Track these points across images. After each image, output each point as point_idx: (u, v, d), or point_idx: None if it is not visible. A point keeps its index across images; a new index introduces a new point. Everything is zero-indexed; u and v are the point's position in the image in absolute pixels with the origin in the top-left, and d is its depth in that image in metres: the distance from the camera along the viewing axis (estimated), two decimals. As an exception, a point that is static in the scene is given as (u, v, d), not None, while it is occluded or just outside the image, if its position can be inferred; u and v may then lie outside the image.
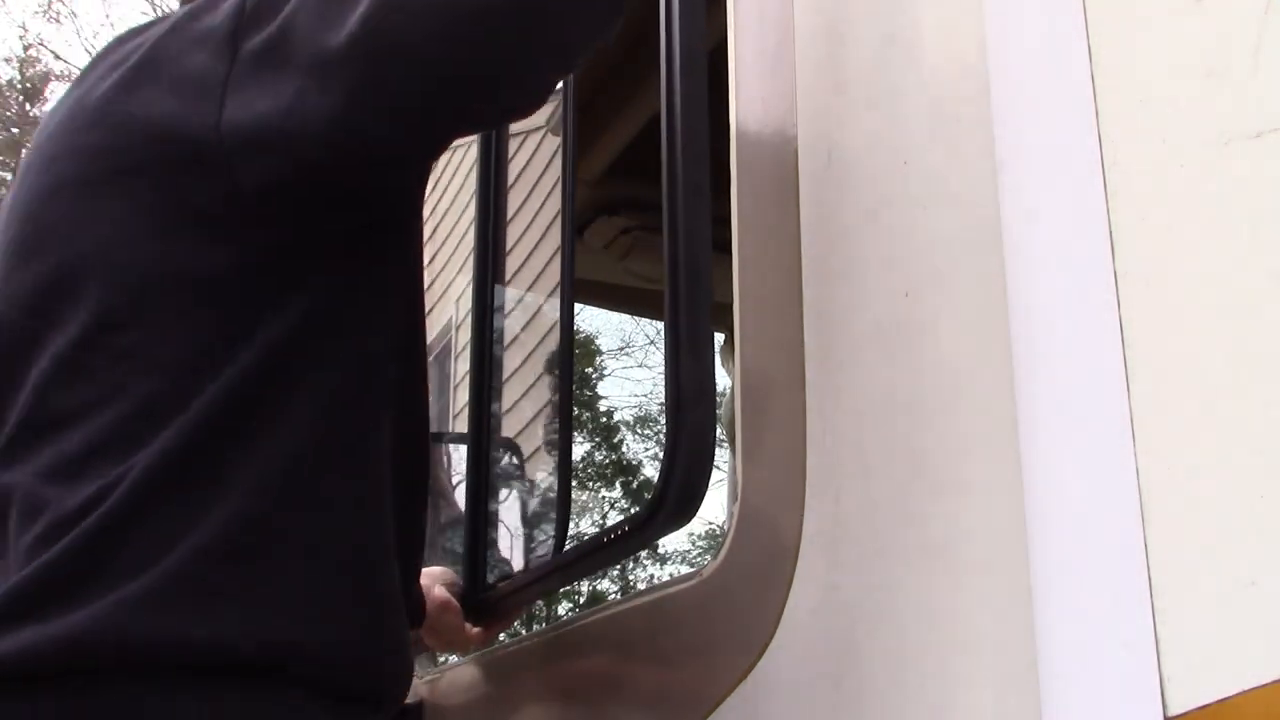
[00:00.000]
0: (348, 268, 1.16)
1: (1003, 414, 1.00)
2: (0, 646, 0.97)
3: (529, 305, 2.28)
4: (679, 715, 1.43)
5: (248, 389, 1.07)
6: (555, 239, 2.20)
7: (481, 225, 2.13)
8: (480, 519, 1.94)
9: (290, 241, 1.12)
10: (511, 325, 2.23)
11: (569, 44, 1.11)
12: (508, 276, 2.23)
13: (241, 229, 1.11)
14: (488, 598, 1.84)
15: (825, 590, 1.21)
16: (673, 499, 1.25)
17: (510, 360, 2.19)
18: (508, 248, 2.22)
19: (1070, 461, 0.92)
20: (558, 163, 2.22)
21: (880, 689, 1.11)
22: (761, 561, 1.33)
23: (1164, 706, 0.82)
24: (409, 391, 1.26)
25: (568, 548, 1.57)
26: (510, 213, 2.27)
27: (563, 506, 1.90)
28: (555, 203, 2.25)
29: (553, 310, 2.21)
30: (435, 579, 1.76)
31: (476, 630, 1.73)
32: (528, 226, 2.28)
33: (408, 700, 2.16)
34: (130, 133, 1.13)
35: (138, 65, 1.16)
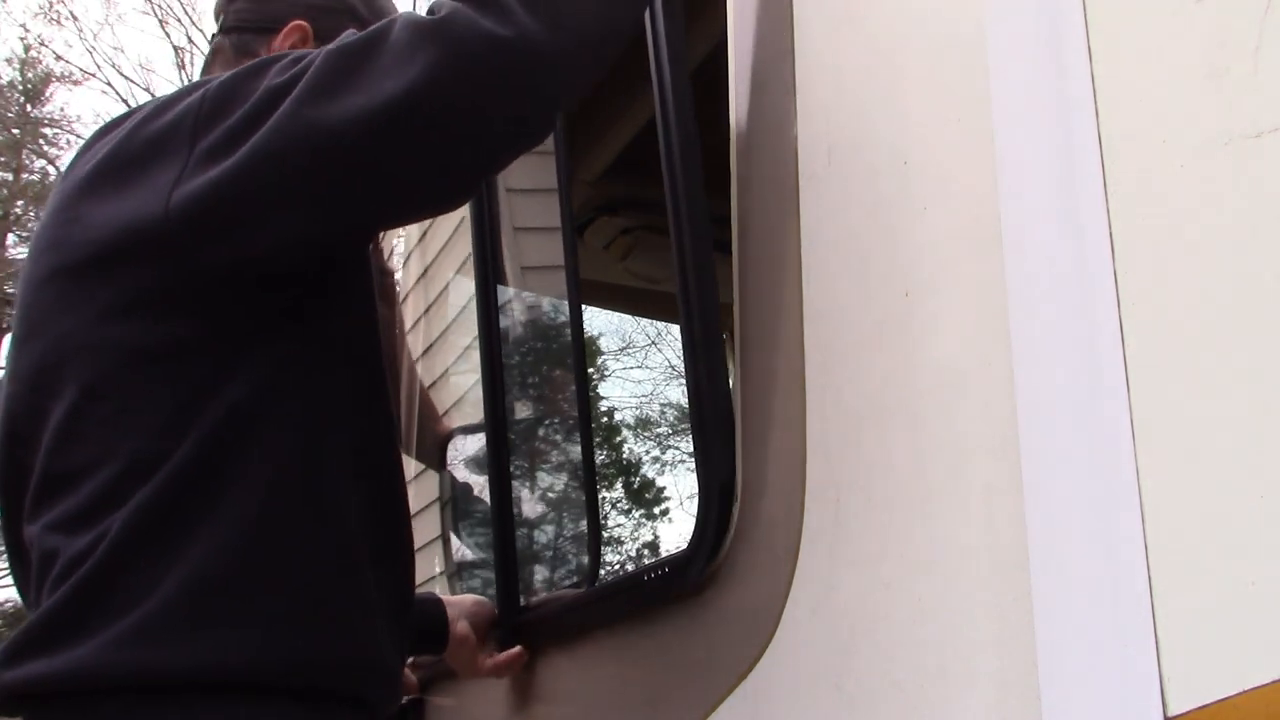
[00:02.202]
0: (297, 329, 1.29)
1: (1003, 414, 1.00)
2: (17, 675, 1.16)
3: (539, 332, 2.29)
4: (679, 715, 1.43)
5: (215, 445, 1.21)
6: (558, 256, 2.22)
7: (479, 246, 2.14)
8: (510, 543, 1.96)
9: (239, 313, 1.26)
10: (521, 345, 2.24)
11: (480, 152, 1.23)
12: (514, 294, 2.24)
13: (195, 305, 1.24)
14: (521, 622, 1.86)
15: (825, 590, 1.21)
16: (709, 542, 1.36)
17: (524, 383, 2.22)
18: (510, 270, 2.24)
19: (1070, 462, 0.92)
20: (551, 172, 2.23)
21: (880, 689, 1.11)
22: (761, 561, 1.33)
23: (1164, 706, 0.82)
24: (377, 422, 1.38)
25: (603, 577, 1.61)
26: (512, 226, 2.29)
27: (594, 537, 1.92)
28: (552, 212, 2.26)
29: (564, 334, 2.22)
30: (462, 612, 1.86)
31: (490, 663, 1.83)
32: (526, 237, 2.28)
33: (411, 696, 2.17)
34: (96, 228, 1.27)
35: (102, 164, 1.31)
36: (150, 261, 1.23)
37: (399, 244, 3.05)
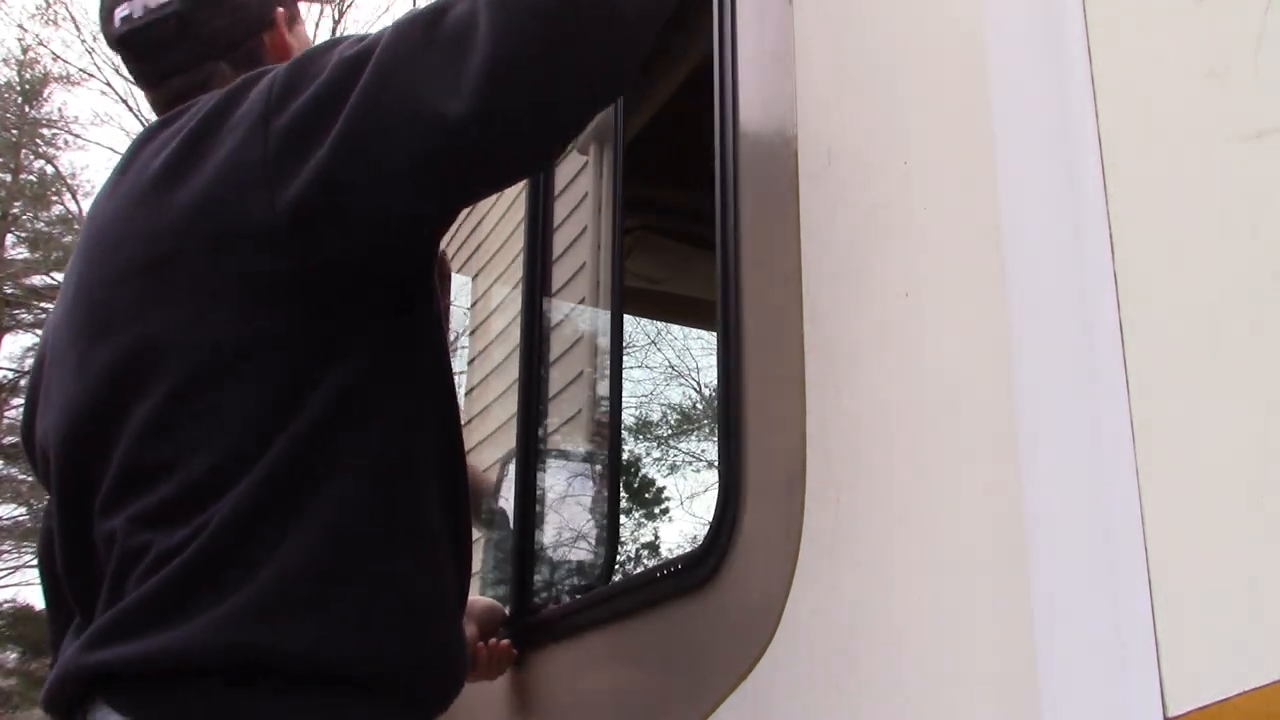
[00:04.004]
0: (386, 327, 1.29)
1: (1003, 414, 1.00)
2: (106, 655, 1.15)
3: (574, 332, 2.30)
4: (679, 715, 1.43)
5: (310, 440, 1.21)
6: (592, 264, 2.24)
7: (530, 252, 2.16)
8: (527, 542, 1.97)
9: (337, 308, 1.25)
10: (558, 348, 2.26)
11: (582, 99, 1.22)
12: (555, 300, 2.27)
13: (296, 299, 1.24)
14: (532, 621, 1.87)
15: (825, 590, 1.21)
16: (727, 536, 1.36)
17: (555, 381, 2.24)
18: (553, 282, 2.26)
19: (1070, 462, 0.92)
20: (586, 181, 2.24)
21: (880, 689, 1.11)
22: (762, 561, 1.33)
23: (1164, 706, 0.82)
24: (449, 423, 1.38)
25: (616, 579, 1.61)
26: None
27: (611, 537, 1.93)
28: (587, 220, 2.27)
29: (600, 335, 2.24)
30: (472, 615, 1.85)
31: (478, 671, 1.84)
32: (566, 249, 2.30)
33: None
34: (189, 218, 1.25)
35: (178, 156, 1.28)
36: (251, 255, 1.22)
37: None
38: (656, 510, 17.00)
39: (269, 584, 1.15)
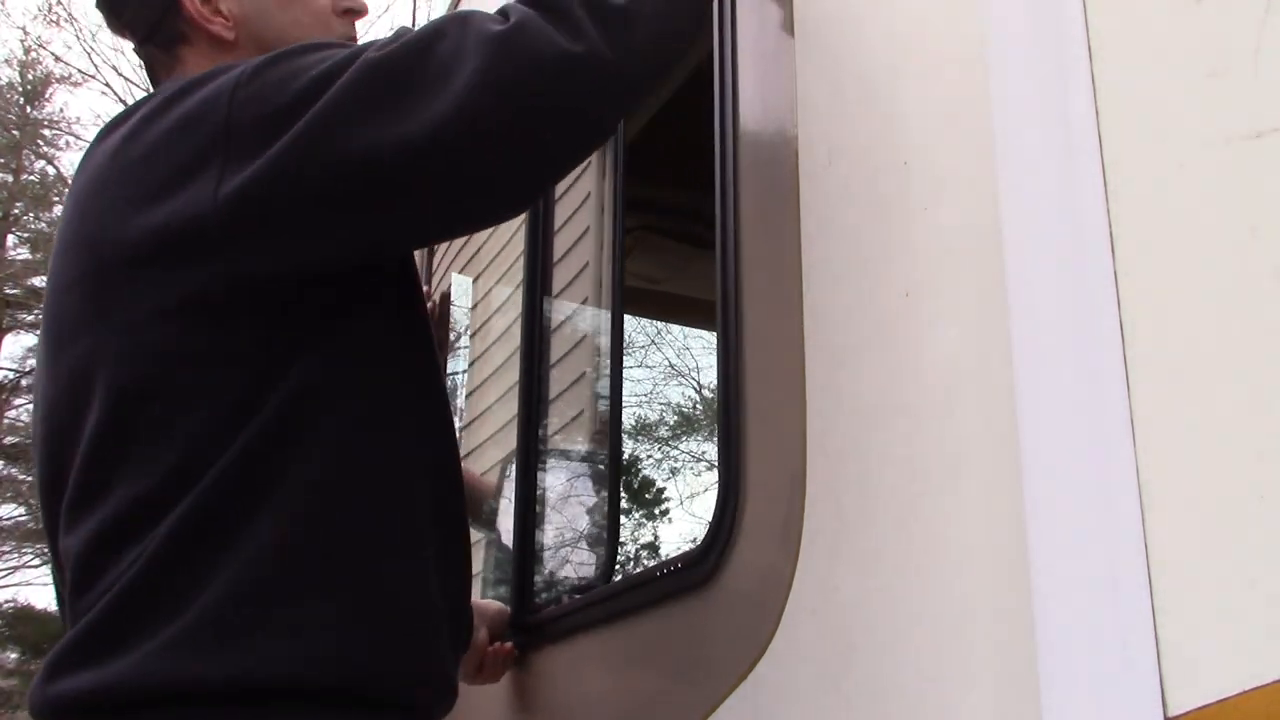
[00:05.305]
0: (343, 330, 1.24)
1: (1003, 414, 1.00)
2: (61, 687, 1.13)
3: (575, 332, 2.30)
4: (680, 715, 1.43)
5: (259, 452, 1.16)
6: (594, 265, 2.24)
7: (530, 253, 2.16)
8: (528, 541, 1.97)
9: (283, 315, 1.20)
10: (559, 347, 2.27)
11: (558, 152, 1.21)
12: (556, 300, 2.27)
13: (237, 309, 1.19)
14: (533, 620, 1.87)
15: (825, 590, 1.21)
16: (727, 536, 1.35)
17: (556, 381, 2.24)
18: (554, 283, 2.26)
19: (1070, 462, 0.92)
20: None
21: (880, 689, 1.11)
22: (761, 561, 1.33)
23: (1164, 706, 0.82)
24: (434, 429, 1.33)
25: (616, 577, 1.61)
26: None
27: (612, 535, 1.93)
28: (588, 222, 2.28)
29: (600, 335, 2.24)
30: (485, 619, 1.84)
31: (483, 674, 1.83)
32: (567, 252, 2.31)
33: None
34: (129, 228, 1.19)
35: (126, 158, 1.23)
36: (195, 262, 1.17)
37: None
38: (657, 510, 17.00)
39: (204, 610, 1.11)
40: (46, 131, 20.88)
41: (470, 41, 1.13)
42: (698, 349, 15.90)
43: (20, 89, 20.64)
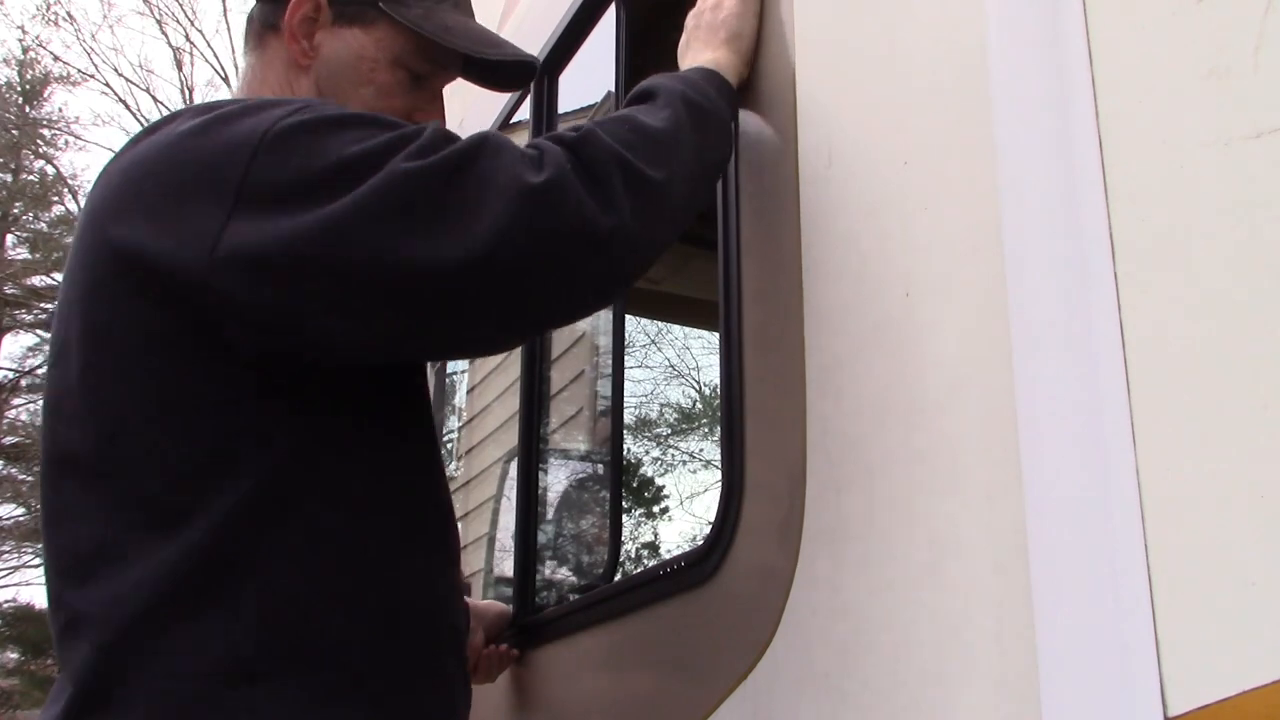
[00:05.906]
0: (334, 395, 1.19)
1: (1003, 414, 1.00)
2: None
3: (576, 332, 2.30)
4: (680, 715, 1.43)
5: (242, 514, 1.12)
6: None
7: None
8: (530, 542, 1.97)
9: (270, 381, 1.16)
10: (560, 348, 2.26)
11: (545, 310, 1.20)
12: None
13: (220, 359, 1.14)
14: (534, 620, 1.87)
15: (825, 590, 1.21)
16: (728, 535, 1.35)
17: (557, 381, 2.24)
18: None
19: (1070, 462, 0.92)
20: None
21: (880, 689, 1.11)
22: (761, 561, 1.33)
23: (1164, 706, 0.82)
24: (422, 498, 1.28)
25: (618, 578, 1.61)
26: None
27: (614, 536, 1.92)
28: None
29: (601, 335, 2.24)
30: (482, 621, 1.85)
31: (478, 676, 1.84)
32: None
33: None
34: (128, 259, 1.15)
35: (132, 186, 1.18)
36: (182, 308, 1.13)
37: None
38: (657, 510, 17.00)
39: (186, 685, 1.07)
40: (45, 131, 20.89)
41: (501, 180, 1.10)
42: (698, 349, 15.91)
43: (19, 88, 20.65)
